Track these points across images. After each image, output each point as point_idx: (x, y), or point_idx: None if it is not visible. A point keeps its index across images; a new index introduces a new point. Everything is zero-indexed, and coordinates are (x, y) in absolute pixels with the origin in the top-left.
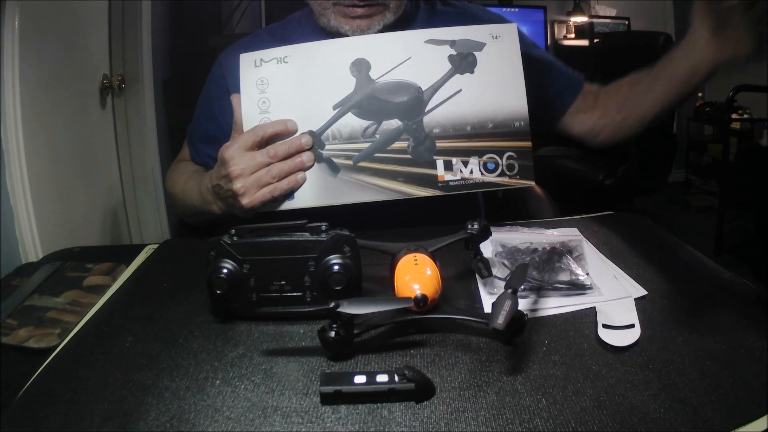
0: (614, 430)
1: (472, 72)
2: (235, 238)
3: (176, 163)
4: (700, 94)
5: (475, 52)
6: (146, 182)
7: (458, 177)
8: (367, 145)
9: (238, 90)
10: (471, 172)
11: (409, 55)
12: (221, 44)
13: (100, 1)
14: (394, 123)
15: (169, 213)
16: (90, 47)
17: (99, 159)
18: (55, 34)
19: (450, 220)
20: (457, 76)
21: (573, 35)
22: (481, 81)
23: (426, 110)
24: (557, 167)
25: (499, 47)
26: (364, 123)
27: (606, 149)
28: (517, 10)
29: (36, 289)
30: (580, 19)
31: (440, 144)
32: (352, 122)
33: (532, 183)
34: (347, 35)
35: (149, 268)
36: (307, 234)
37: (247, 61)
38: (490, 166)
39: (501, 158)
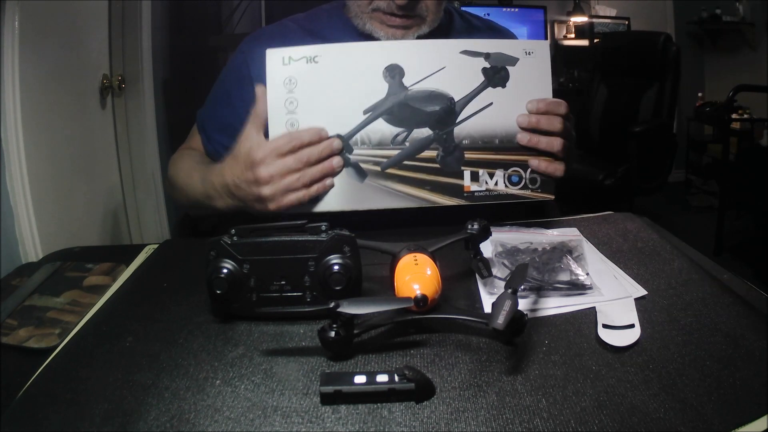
0: (614, 430)
1: (504, 86)
2: (235, 238)
3: (182, 149)
4: (700, 94)
5: (508, 67)
6: (146, 182)
7: (483, 188)
8: (396, 152)
9: (262, 80)
10: (496, 183)
11: (443, 65)
12: (221, 44)
13: (100, 1)
14: (425, 132)
15: (169, 213)
16: (90, 47)
17: (99, 159)
18: (55, 34)
19: (450, 221)
20: (489, 89)
21: (573, 35)
22: (512, 96)
23: (457, 121)
24: None
25: (532, 63)
26: (395, 130)
27: (606, 149)
28: (517, 10)
29: (36, 289)
30: (580, 19)
31: (468, 155)
32: (382, 128)
33: (552, 197)
34: (380, 40)
35: (149, 268)
36: (307, 234)
37: (274, 57)
38: (515, 179)
39: (525, 172)
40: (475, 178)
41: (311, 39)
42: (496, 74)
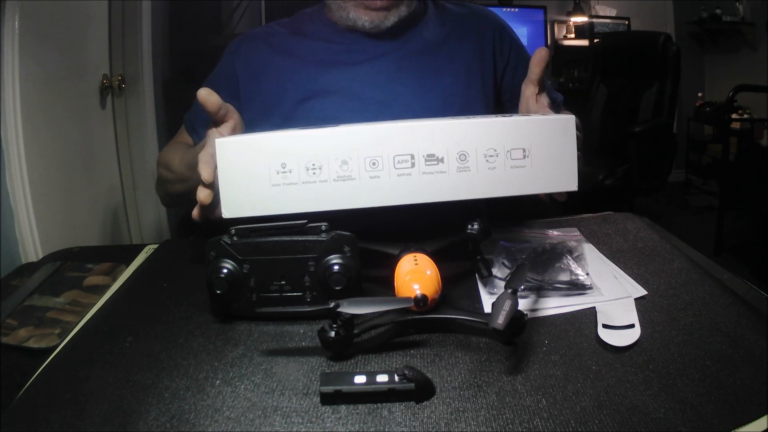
0: (614, 430)
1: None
2: (235, 238)
3: (169, 144)
4: (700, 95)
5: None
6: (146, 182)
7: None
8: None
9: (247, 77)
10: None
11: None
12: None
13: (100, 1)
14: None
15: (169, 213)
16: (90, 47)
17: (99, 159)
18: (55, 34)
19: (450, 220)
20: None
21: (573, 35)
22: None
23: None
24: None
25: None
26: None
27: (606, 149)
28: (517, 10)
29: (36, 289)
30: (580, 19)
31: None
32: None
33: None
34: (365, 27)
35: (149, 268)
36: (307, 234)
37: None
38: None
39: None
40: None
41: (296, 38)
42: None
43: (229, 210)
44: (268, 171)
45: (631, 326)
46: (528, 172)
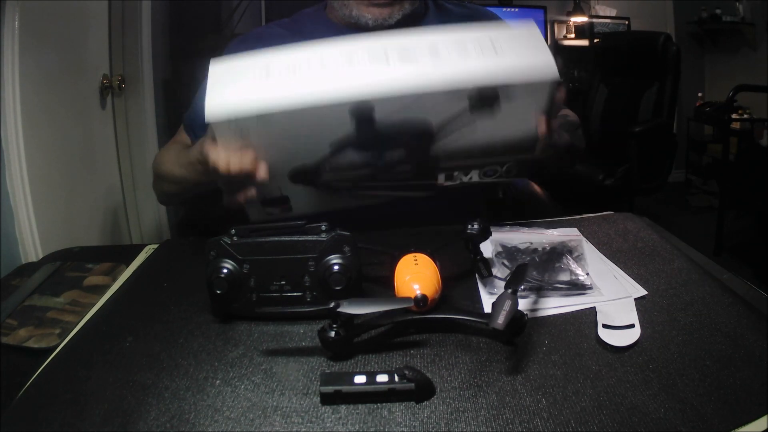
0: (614, 430)
1: (490, 107)
2: (235, 238)
3: (168, 144)
4: (700, 95)
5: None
6: (146, 182)
7: (457, 182)
8: (367, 171)
9: None
10: (470, 178)
11: (418, 92)
12: (221, 44)
13: (100, 1)
14: (400, 152)
15: (169, 213)
16: (90, 47)
17: (99, 159)
18: (55, 34)
19: (450, 220)
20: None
21: (573, 35)
22: (498, 114)
23: (434, 146)
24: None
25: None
26: (365, 155)
27: (606, 149)
28: (517, 10)
29: (36, 289)
30: (580, 19)
31: (444, 164)
32: (351, 155)
33: (526, 177)
34: (368, 25)
35: (149, 268)
36: (307, 234)
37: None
38: (490, 173)
39: (501, 167)
40: (449, 178)
41: (296, 38)
42: (480, 99)
43: (211, 114)
44: (252, 75)
45: (631, 326)
46: (501, 61)
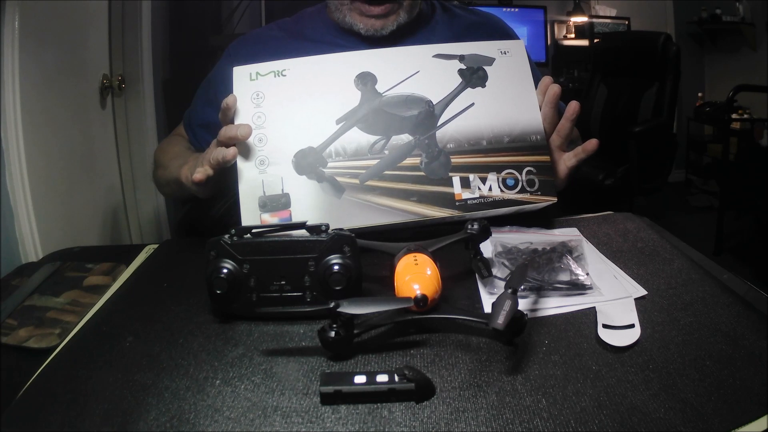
0: (614, 430)
1: (483, 86)
2: (235, 238)
3: (171, 135)
4: (700, 95)
5: (485, 67)
6: (146, 182)
7: (476, 195)
8: (375, 161)
9: None
10: (490, 189)
11: (417, 69)
12: (221, 44)
13: (100, 1)
14: (405, 138)
15: (169, 213)
16: (90, 47)
17: (99, 159)
18: (55, 34)
19: (450, 221)
20: (469, 90)
21: (573, 35)
22: (494, 95)
23: (438, 124)
24: None
25: (509, 62)
26: (372, 138)
27: (606, 149)
28: (517, 10)
29: (36, 289)
30: (580, 19)
31: (455, 160)
32: (358, 138)
33: (554, 200)
34: (361, 33)
35: (149, 268)
36: (307, 234)
37: (241, 74)
38: (510, 182)
39: (520, 174)
40: (465, 184)
41: (296, 40)
42: (474, 74)
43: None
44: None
45: (631, 326)
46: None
